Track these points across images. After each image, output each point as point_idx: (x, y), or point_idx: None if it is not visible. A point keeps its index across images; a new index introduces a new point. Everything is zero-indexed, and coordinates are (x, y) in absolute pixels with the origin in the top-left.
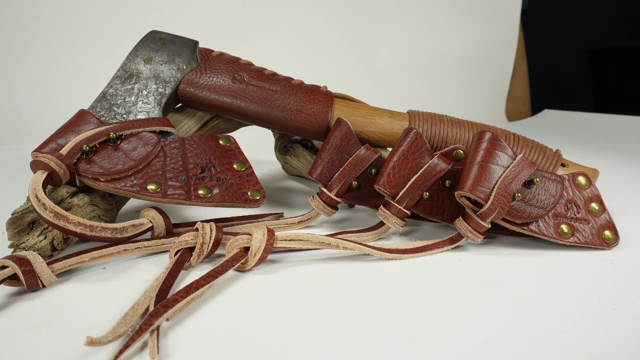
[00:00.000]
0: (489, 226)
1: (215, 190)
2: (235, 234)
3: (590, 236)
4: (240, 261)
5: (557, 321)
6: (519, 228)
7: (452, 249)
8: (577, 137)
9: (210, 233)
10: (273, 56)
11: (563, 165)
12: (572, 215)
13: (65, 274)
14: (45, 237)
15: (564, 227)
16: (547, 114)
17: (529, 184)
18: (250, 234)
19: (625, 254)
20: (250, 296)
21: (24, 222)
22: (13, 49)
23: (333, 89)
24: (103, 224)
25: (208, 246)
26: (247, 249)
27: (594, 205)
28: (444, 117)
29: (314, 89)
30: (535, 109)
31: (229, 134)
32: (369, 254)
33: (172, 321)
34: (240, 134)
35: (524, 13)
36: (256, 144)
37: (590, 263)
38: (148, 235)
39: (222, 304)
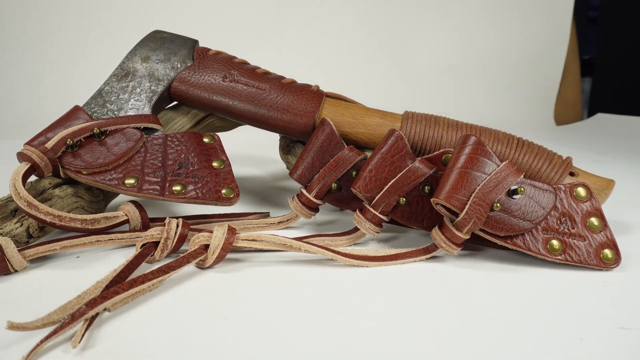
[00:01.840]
0: (466, 237)
1: (190, 187)
2: (200, 231)
3: (586, 254)
4: (197, 258)
5: (509, 348)
6: (502, 241)
7: (426, 259)
8: (627, 144)
9: (176, 229)
10: (306, 57)
11: (572, 174)
12: (566, 230)
13: (40, 260)
14: (22, 225)
15: (554, 242)
16: (600, 118)
17: (512, 193)
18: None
19: (624, 277)
20: (202, 294)
21: (7, 210)
22: (22, 47)
23: (366, 92)
24: (72, 215)
25: (172, 241)
26: (207, 246)
27: (593, 220)
28: (441, 118)
29: (304, 88)
30: (589, 113)
31: (223, 132)
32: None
33: (114, 312)
34: (250, 133)
35: (594, 9)
36: (265, 144)
37: (579, 284)
38: (127, 227)
39: (171, 299)
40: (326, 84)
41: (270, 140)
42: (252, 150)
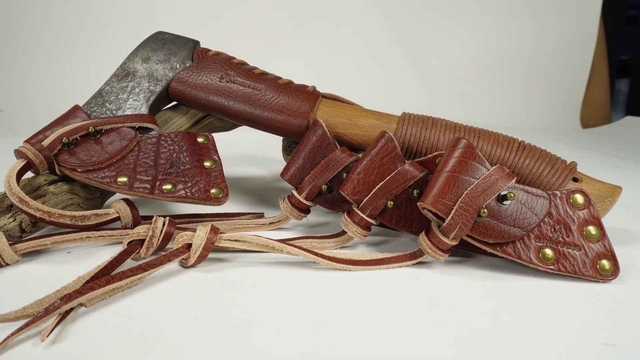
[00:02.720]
0: (453, 243)
1: (179, 187)
2: (186, 230)
3: (581, 265)
4: (179, 257)
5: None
6: (491, 249)
7: (413, 265)
8: None
9: (162, 227)
10: (319, 57)
11: (575, 179)
12: (560, 238)
13: (31, 255)
14: (15, 220)
15: (547, 251)
16: (629, 121)
17: (502, 199)
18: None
19: (620, 290)
20: (180, 293)
21: (4, 205)
22: (38, 49)
23: (380, 94)
24: (61, 211)
25: (158, 240)
26: (190, 245)
27: (590, 229)
28: (439, 120)
29: (300, 89)
30: (619, 116)
31: (226, 132)
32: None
33: (90, 308)
34: (255, 133)
35: (634, 7)
36: (270, 144)
37: (571, 296)
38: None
39: (149, 297)
40: (340, 84)
41: (275, 141)
42: (257, 150)
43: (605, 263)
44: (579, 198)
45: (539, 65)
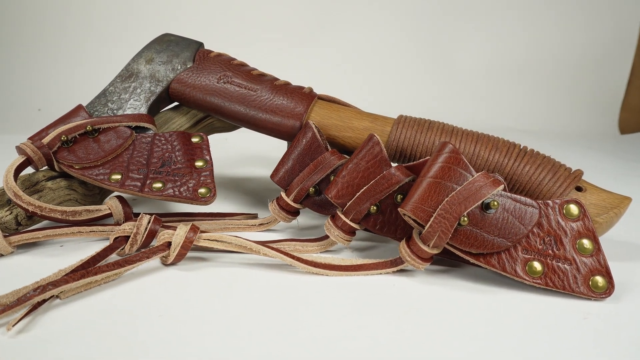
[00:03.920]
0: (434, 252)
1: (168, 185)
2: (170, 228)
3: (571, 280)
4: (158, 254)
5: None
6: (475, 259)
7: (394, 272)
8: None
9: (147, 225)
10: (342, 61)
11: (579, 189)
12: (549, 251)
13: (26, 247)
14: (12, 213)
15: (535, 264)
16: None
17: (486, 207)
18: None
19: (611, 310)
20: (155, 290)
21: (4, 199)
22: (74, 52)
23: (403, 97)
24: (52, 206)
25: (142, 237)
26: (170, 243)
27: (584, 242)
28: (436, 123)
29: (296, 90)
30: None
31: (230, 132)
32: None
33: (65, 300)
34: (260, 134)
35: None
36: (279, 144)
37: (556, 313)
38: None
39: (123, 292)
40: (362, 87)
41: (280, 141)
42: (261, 150)
43: (598, 279)
44: (573, 209)
45: (575, 68)
